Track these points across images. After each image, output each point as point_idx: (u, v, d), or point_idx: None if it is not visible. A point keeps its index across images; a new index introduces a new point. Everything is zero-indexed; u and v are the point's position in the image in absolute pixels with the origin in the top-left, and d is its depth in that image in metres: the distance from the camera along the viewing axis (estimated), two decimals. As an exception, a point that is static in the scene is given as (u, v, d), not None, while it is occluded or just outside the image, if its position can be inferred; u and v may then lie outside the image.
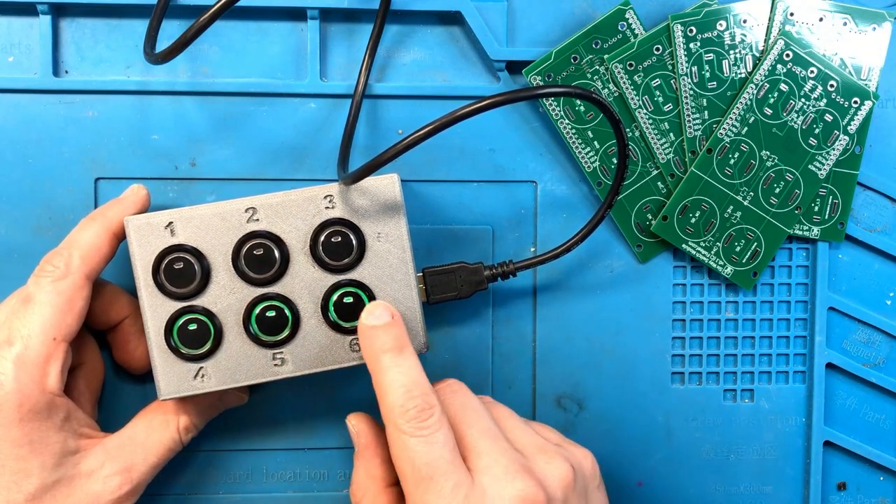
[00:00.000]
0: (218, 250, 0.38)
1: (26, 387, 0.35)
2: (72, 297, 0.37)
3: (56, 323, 0.36)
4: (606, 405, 0.45)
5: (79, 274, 0.37)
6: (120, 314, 0.40)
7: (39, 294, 0.36)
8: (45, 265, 0.37)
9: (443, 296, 0.40)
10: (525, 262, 0.41)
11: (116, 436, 0.39)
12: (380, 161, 0.35)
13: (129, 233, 0.37)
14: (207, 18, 0.36)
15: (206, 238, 0.38)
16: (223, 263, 0.38)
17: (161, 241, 0.37)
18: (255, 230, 0.38)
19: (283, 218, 0.38)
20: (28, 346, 0.36)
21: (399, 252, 0.38)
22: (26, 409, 0.35)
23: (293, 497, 0.44)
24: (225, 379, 0.38)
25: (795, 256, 0.45)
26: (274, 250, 0.38)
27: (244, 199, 0.38)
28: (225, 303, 0.38)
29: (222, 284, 0.38)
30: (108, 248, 0.38)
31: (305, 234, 0.38)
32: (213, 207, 0.38)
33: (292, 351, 0.38)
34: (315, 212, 0.38)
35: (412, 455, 0.34)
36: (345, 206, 0.38)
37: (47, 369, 0.36)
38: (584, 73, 0.43)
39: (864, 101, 0.43)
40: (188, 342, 0.38)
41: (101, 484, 0.37)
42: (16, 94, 0.42)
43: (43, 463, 0.36)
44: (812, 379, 0.45)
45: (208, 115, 0.42)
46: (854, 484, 0.46)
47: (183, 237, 0.37)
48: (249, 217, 0.38)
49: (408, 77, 0.43)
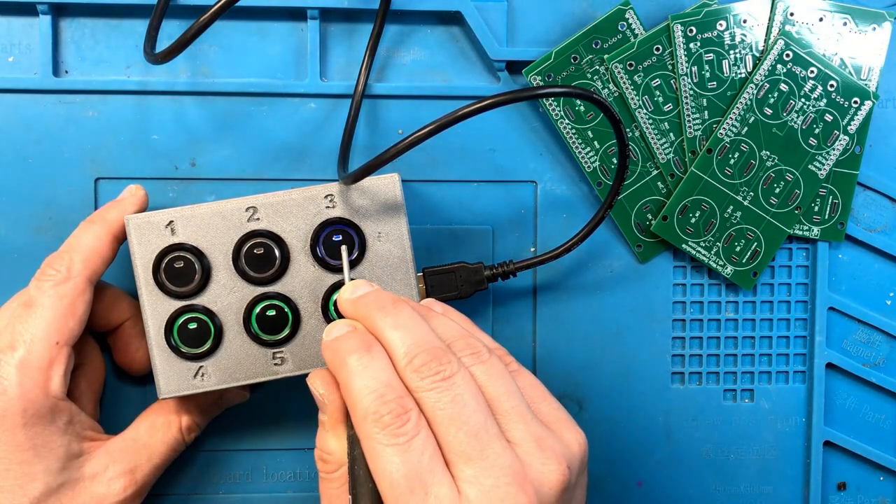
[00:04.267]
0: (218, 249, 0.38)
1: (30, 391, 0.35)
2: (74, 301, 0.37)
3: (58, 327, 0.36)
4: (606, 405, 0.45)
5: (80, 277, 0.37)
6: (121, 317, 0.40)
7: (41, 298, 0.36)
8: (46, 269, 0.37)
9: (443, 295, 0.40)
10: (525, 262, 0.41)
11: (119, 438, 0.39)
12: (380, 161, 0.35)
13: (130, 231, 0.37)
14: (207, 18, 0.36)
15: (207, 237, 0.38)
16: (223, 262, 0.38)
17: (161, 240, 0.37)
18: (255, 229, 0.38)
19: (283, 217, 0.38)
20: (31, 350, 0.36)
21: (399, 252, 0.38)
22: (30, 414, 0.35)
23: (293, 497, 0.44)
24: (225, 378, 0.38)
25: (795, 256, 0.45)
26: (274, 249, 0.38)
27: (245, 198, 0.38)
28: (225, 302, 0.38)
29: (222, 283, 0.38)
30: (108, 251, 0.38)
31: (306, 234, 0.38)
32: (214, 206, 0.38)
33: (292, 350, 0.38)
34: (316, 211, 0.38)
35: (389, 467, 0.30)
36: (345, 205, 0.38)
37: (50, 373, 0.36)
38: (584, 73, 0.43)
39: (864, 101, 0.43)
40: (188, 341, 0.38)
41: (106, 486, 0.37)
42: (16, 94, 0.42)
43: (47, 467, 0.36)
44: (812, 379, 0.45)
45: (208, 115, 0.42)
46: (854, 484, 0.46)
47: (183, 236, 0.37)
48: (250, 216, 0.38)
49: (408, 77, 0.43)
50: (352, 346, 0.32)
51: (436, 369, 0.31)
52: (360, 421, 0.31)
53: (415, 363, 0.32)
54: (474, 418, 0.31)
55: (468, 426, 0.31)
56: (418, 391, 0.31)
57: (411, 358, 0.32)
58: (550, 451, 0.32)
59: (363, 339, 0.33)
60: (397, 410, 0.31)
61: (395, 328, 0.33)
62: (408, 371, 0.32)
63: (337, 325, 0.34)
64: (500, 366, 0.33)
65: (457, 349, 0.33)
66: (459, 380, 0.31)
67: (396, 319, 0.33)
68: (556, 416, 0.34)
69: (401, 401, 0.31)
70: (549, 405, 0.34)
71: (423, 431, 0.31)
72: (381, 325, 0.33)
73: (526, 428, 0.32)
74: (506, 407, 0.32)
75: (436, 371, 0.31)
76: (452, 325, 0.35)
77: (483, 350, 0.33)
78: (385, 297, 0.34)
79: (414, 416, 0.31)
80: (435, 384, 0.31)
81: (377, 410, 0.31)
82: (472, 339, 0.34)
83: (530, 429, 0.32)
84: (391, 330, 0.33)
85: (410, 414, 0.31)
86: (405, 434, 0.30)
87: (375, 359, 0.32)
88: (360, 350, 0.32)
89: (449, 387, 0.31)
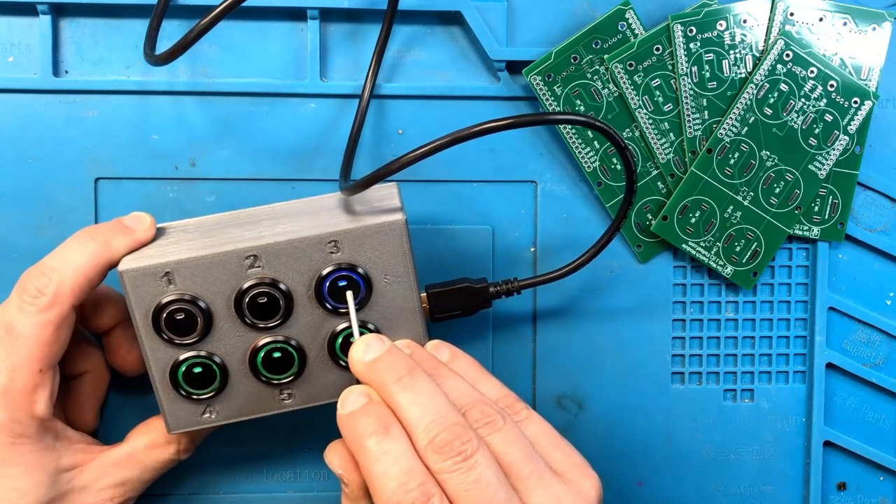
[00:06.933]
0: (219, 298, 0.36)
1: (15, 415, 0.35)
2: (58, 328, 0.35)
3: (42, 356, 0.35)
4: (606, 405, 0.45)
5: (66, 305, 0.35)
6: (113, 319, 0.40)
7: (24, 326, 0.35)
8: (28, 285, 0.35)
9: (447, 314, 0.39)
10: (529, 280, 0.40)
11: (115, 451, 0.39)
12: (382, 174, 0.34)
13: (125, 284, 0.35)
14: (209, 21, 0.35)
15: (206, 286, 0.36)
16: (225, 311, 0.36)
17: (159, 291, 0.35)
18: (257, 279, 0.36)
19: (286, 264, 0.36)
20: (14, 378, 0.35)
21: (405, 292, 0.37)
22: (17, 434, 0.35)
23: (293, 497, 0.44)
24: (232, 414, 0.38)
25: (795, 256, 0.45)
26: (278, 298, 0.36)
27: (244, 245, 0.35)
28: (229, 347, 0.37)
29: (225, 330, 0.36)
30: (98, 277, 0.36)
31: (310, 280, 0.36)
32: (212, 256, 0.35)
33: (300, 386, 0.38)
34: (320, 257, 0.36)
35: None
36: (351, 250, 0.36)
37: (35, 398, 0.35)
38: (584, 73, 0.43)
39: (864, 101, 0.43)
40: (194, 385, 0.37)
41: (95, 496, 0.38)
42: (16, 94, 0.42)
43: (38, 481, 0.36)
44: (812, 379, 0.45)
45: (208, 115, 0.42)
46: (854, 484, 0.46)
47: (182, 287, 0.35)
48: (251, 264, 0.36)
49: (408, 77, 0.43)
50: (369, 428, 0.32)
51: (458, 449, 0.31)
52: None
53: (436, 443, 0.31)
54: (497, 496, 0.31)
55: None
56: (441, 473, 0.31)
57: (432, 438, 0.31)
58: None
59: (381, 418, 0.32)
60: (421, 499, 0.30)
61: (413, 403, 0.32)
62: (429, 452, 0.31)
63: (352, 396, 0.33)
64: (515, 431, 0.33)
65: (473, 419, 0.33)
66: (480, 458, 0.31)
67: (414, 395, 0.33)
68: (570, 463, 0.34)
69: (423, 488, 0.31)
70: (562, 451, 0.35)
71: None
72: (399, 399, 0.33)
73: (546, 491, 0.32)
74: (524, 473, 0.32)
75: (458, 451, 0.31)
76: (464, 388, 0.34)
77: (497, 417, 0.33)
78: (400, 363, 0.34)
79: (436, 502, 0.31)
80: (457, 465, 0.31)
81: (401, 500, 0.30)
82: (486, 405, 0.34)
83: (550, 490, 0.32)
84: (410, 405, 0.32)
85: (433, 500, 0.31)
86: None
87: (395, 441, 0.32)
88: (379, 432, 0.32)
89: (471, 467, 0.31)
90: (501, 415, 0.33)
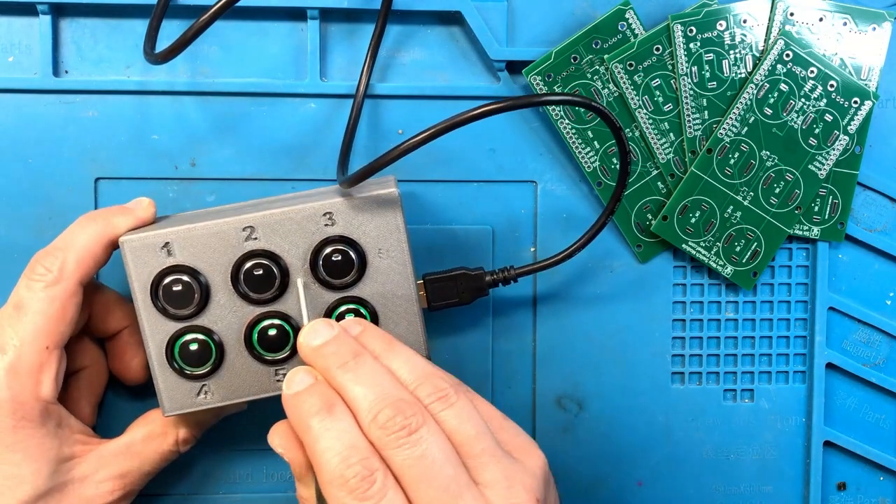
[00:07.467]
0: (216, 270, 0.37)
1: (19, 395, 0.35)
2: (65, 304, 0.36)
3: (48, 331, 0.35)
4: (606, 405, 0.45)
5: (72, 280, 0.36)
6: (120, 323, 0.40)
7: (31, 301, 0.35)
8: (36, 266, 0.36)
9: (444, 302, 0.40)
10: (526, 267, 0.41)
11: (114, 443, 0.39)
12: (378, 164, 0.35)
13: (125, 254, 0.36)
14: (207, 19, 0.36)
15: (204, 258, 0.37)
16: (222, 283, 0.37)
17: (158, 262, 0.36)
18: (253, 249, 0.37)
19: (282, 236, 0.37)
20: (20, 355, 0.35)
21: (400, 268, 0.38)
22: (20, 417, 0.35)
23: (293, 497, 0.44)
24: (228, 395, 0.38)
25: (795, 256, 0.45)
26: (274, 269, 0.37)
27: (242, 217, 0.36)
28: (225, 322, 0.37)
29: (222, 304, 0.37)
30: (103, 255, 0.37)
31: (305, 253, 0.37)
32: (211, 226, 0.36)
33: (295, 365, 0.37)
34: (315, 230, 0.37)
35: None
36: (345, 222, 0.37)
37: (40, 378, 0.36)
38: (584, 73, 0.43)
39: (864, 101, 0.43)
40: (190, 361, 0.37)
41: (94, 488, 0.37)
42: (16, 94, 0.42)
43: (37, 469, 0.36)
44: (812, 379, 0.45)
45: (208, 115, 0.42)
46: (854, 484, 0.46)
47: (180, 257, 0.36)
48: (248, 236, 0.37)
49: (408, 77, 0.43)
50: (314, 407, 0.32)
51: (401, 423, 0.31)
52: (326, 484, 0.31)
53: (379, 419, 0.31)
54: (444, 472, 0.31)
55: (438, 481, 0.30)
56: (385, 449, 0.31)
57: (375, 414, 0.31)
58: (520, 485, 0.32)
59: (325, 398, 0.32)
60: (363, 473, 0.30)
61: (357, 383, 0.32)
62: (373, 428, 0.31)
63: (297, 376, 0.33)
64: (468, 406, 0.33)
65: (423, 394, 0.33)
66: (426, 433, 0.31)
67: (357, 374, 0.32)
68: (517, 443, 0.34)
69: (366, 462, 0.30)
70: (508, 432, 0.34)
71: (390, 492, 0.30)
72: (343, 380, 0.33)
73: (497, 467, 0.32)
74: (477, 450, 0.32)
75: (401, 426, 0.31)
76: (418, 362, 0.34)
77: (450, 392, 0.33)
78: (346, 347, 0.33)
79: (380, 476, 0.30)
80: (402, 440, 0.31)
81: (342, 474, 0.30)
82: (439, 378, 0.33)
83: (500, 467, 0.32)
84: (353, 385, 0.32)
85: (376, 475, 0.30)
86: (372, 497, 0.30)
87: (338, 419, 0.31)
88: (322, 412, 0.32)
89: (416, 442, 0.31)
90: (455, 389, 0.33)
